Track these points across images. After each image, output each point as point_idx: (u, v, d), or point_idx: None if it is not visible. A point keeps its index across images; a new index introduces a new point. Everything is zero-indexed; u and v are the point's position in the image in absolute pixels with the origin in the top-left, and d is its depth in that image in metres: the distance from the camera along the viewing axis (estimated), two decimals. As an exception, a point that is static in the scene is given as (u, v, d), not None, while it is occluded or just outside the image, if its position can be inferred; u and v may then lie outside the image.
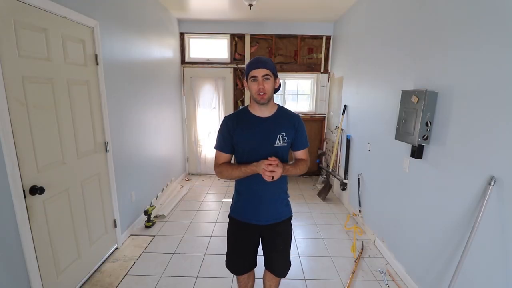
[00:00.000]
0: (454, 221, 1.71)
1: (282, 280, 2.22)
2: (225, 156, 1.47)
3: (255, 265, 1.62)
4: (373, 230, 2.87)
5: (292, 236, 1.60)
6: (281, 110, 1.47)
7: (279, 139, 1.38)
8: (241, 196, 1.49)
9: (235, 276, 1.67)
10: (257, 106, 1.40)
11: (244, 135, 1.40)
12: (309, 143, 1.56)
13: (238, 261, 1.58)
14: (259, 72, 1.31)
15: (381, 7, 2.77)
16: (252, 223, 1.47)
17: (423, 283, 2.02)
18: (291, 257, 1.64)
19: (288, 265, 1.61)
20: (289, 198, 1.58)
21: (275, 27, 4.54)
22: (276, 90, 1.43)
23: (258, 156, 1.36)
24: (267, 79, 1.32)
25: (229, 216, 1.57)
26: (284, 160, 1.41)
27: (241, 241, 1.54)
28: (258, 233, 1.52)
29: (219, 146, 1.46)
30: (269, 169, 1.26)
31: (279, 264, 1.58)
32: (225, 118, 1.46)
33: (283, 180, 1.45)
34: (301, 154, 1.49)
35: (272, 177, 1.27)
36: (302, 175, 5.06)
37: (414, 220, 2.15)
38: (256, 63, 1.32)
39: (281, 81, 4.83)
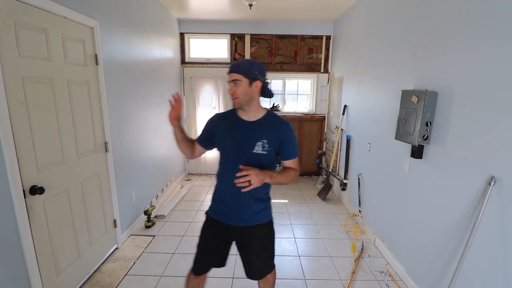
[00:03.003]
0: (454, 221, 1.71)
1: (282, 280, 2.23)
2: (198, 146, 1.51)
3: (221, 265, 1.55)
4: (373, 230, 2.87)
5: (275, 240, 1.54)
6: (269, 116, 1.41)
7: (258, 146, 1.33)
8: (218, 196, 1.47)
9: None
10: (240, 109, 1.38)
11: (223, 135, 1.40)
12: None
13: (203, 257, 1.52)
14: (230, 77, 1.31)
15: (381, 7, 2.77)
16: (226, 223, 1.44)
17: (423, 283, 2.02)
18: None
19: (268, 265, 1.53)
20: (270, 203, 1.52)
21: (275, 27, 4.54)
22: (264, 95, 1.39)
23: (233, 158, 1.35)
24: (236, 83, 1.30)
25: (205, 213, 1.54)
26: (261, 168, 1.31)
27: (210, 239, 1.50)
28: (231, 234, 1.47)
29: (198, 136, 1.52)
30: (240, 180, 1.23)
31: (257, 265, 1.51)
32: (214, 114, 1.50)
33: (259, 187, 1.32)
34: (289, 163, 1.44)
35: (249, 185, 1.23)
36: (302, 175, 5.07)
37: (414, 220, 2.15)
38: (230, 67, 1.32)
39: (281, 81, 4.86)
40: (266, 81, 1.37)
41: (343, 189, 3.78)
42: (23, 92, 1.58)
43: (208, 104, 4.83)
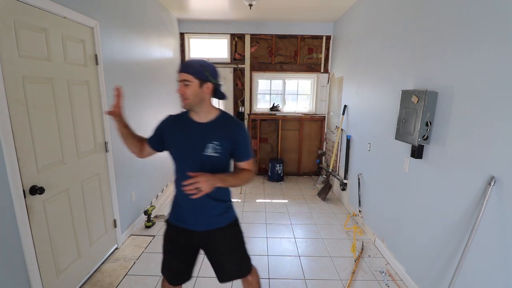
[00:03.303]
0: (454, 221, 1.71)
1: (282, 280, 2.23)
2: (147, 146, 1.45)
3: (187, 277, 1.50)
4: (373, 230, 2.87)
5: (243, 240, 1.51)
6: (222, 117, 1.36)
7: (209, 148, 1.29)
8: (177, 201, 1.42)
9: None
10: (192, 110, 1.33)
11: (174, 137, 1.35)
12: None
13: (168, 268, 1.47)
14: (180, 76, 1.25)
15: (381, 7, 2.77)
16: (188, 229, 1.39)
17: (423, 283, 2.02)
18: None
19: (244, 265, 1.48)
20: (231, 204, 1.48)
21: (275, 27, 4.54)
22: (217, 96, 1.35)
23: (185, 161, 1.32)
24: (185, 84, 1.24)
25: (165, 221, 1.48)
26: (214, 170, 1.28)
27: (174, 246, 1.44)
28: (194, 240, 1.41)
29: (149, 136, 1.45)
30: (188, 188, 1.17)
31: (228, 268, 1.45)
32: (168, 115, 1.44)
33: (218, 188, 1.30)
34: (244, 165, 1.39)
35: (198, 191, 1.18)
36: (302, 175, 5.07)
37: (414, 220, 2.15)
38: (180, 66, 1.27)
39: (281, 81, 4.86)
40: (218, 83, 1.33)
41: (343, 189, 3.78)
42: (23, 92, 1.58)
43: (208, 104, 4.82)
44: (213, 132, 1.31)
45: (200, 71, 1.26)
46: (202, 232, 1.39)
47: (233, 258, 1.46)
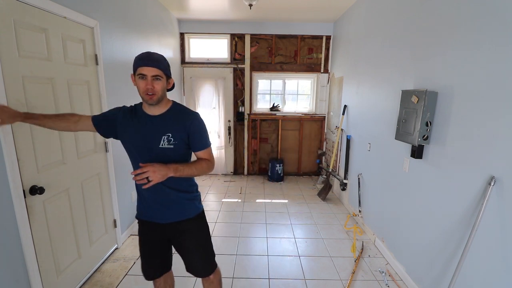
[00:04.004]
0: (454, 221, 1.71)
1: (282, 280, 2.23)
2: (87, 121, 1.39)
3: (166, 268, 1.57)
4: (373, 230, 2.87)
5: (210, 233, 1.56)
6: (175, 109, 1.36)
7: (163, 140, 1.29)
8: (139, 196, 1.44)
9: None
10: (146, 104, 1.32)
11: (128, 131, 1.34)
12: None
13: (146, 264, 1.52)
14: (149, 71, 1.22)
15: (381, 7, 2.77)
16: (154, 222, 1.42)
17: (423, 283, 2.02)
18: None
19: (208, 263, 1.53)
20: (197, 195, 1.49)
21: (275, 27, 4.54)
22: (169, 89, 1.36)
23: (140, 154, 1.32)
24: (157, 79, 1.24)
25: (136, 218, 1.51)
26: (171, 162, 1.27)
27: (147, 241, 1.48)
28: (163, 232, 1.45)
29: (97, 114, 1.42)
30: (137, 178, 1.17)
31: (195, 262, 1.50)
32: (122, 106, 1.42)
33: (178, 179, 1.34)
34: (201, 154, 1.39)
35: (149, 181, 1.18)
36: (302, 175, 5.07)
37: (414, 220, 2.15)
38: (146, 60, 1.22)
39: (281, 81, 4.86)
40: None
41: (343, 189, 3.78)
42: (23, 92, 1.58)
43: (208, 105, 4.83)
44: (167, 124, 1.31)
45: (167, 67, 1.29)
46: (169, 225, 1.41)
47: (198, 255, 1.49)
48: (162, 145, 1.29)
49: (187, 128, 1.32)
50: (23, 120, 1.31)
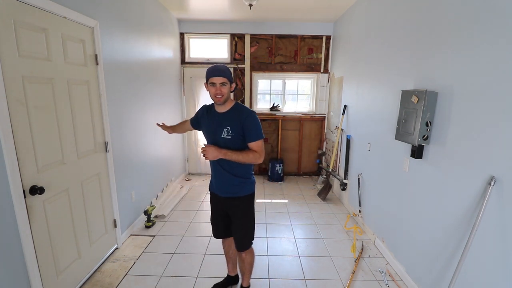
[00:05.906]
0: (454, 221, 1.71)
1: (282, 280, 2.24)
2: (189, 124, 2.01)
3: (228, 234, 1.95)
4: (373, 230, 2.87)
5: (254, 215, 1.92)
6: (236, 107, 1.71)
7: (224, 132, 1.65)
8: (212, 173, 1.84)
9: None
10: (216, 104, 1.71)
11: (204, 124, 1.81)
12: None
13: (213, 225, 1.96)
14: (218, 80, 1.59)
15: (381, 7, 2.77)
16: (216, 194, 1.83)
17: (423, 283, 2.02)
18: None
19: (245, 241, 1.86)
20: (248, 180, 1.82)
21: (275, 27, 4.54)
22: (232, 91, 1.72)
23: (209, 141, 1.75)
24: (224, 85, 1.61)
25: (209, 189, 1.95)
26: (228, 148, 1.64)
27: (213, 208, 1.93)
28: (221, 204, 1.84)
29: (192, 118, 1.99)
30: (201, 151, 1.63)
31: (236, 236, 1.86)
32: (203, 105, 1.88)
33: (233, 165, 1.69)
34: (252, 145, 1.67)
35: (205, 157, 1.60)
36: (302, 175, 5.07)
37: (414, 220, 2.15)
38: (215, 71, 1.60)
39: (281, 81, 4.90)
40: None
41: (343, 189, 3.78)
42: (23, 92, 1.58)
43: (208, 104, 4.83)
44: (228, 119, 1.67)
45: (231, 75, 1.66)
46: (225, 198, 1.80)
47: (239, 228, 1.84)
48: (223, 135, 1.66)
49: (242, 123, 1.64)
50: (171, 132, 2.14)
